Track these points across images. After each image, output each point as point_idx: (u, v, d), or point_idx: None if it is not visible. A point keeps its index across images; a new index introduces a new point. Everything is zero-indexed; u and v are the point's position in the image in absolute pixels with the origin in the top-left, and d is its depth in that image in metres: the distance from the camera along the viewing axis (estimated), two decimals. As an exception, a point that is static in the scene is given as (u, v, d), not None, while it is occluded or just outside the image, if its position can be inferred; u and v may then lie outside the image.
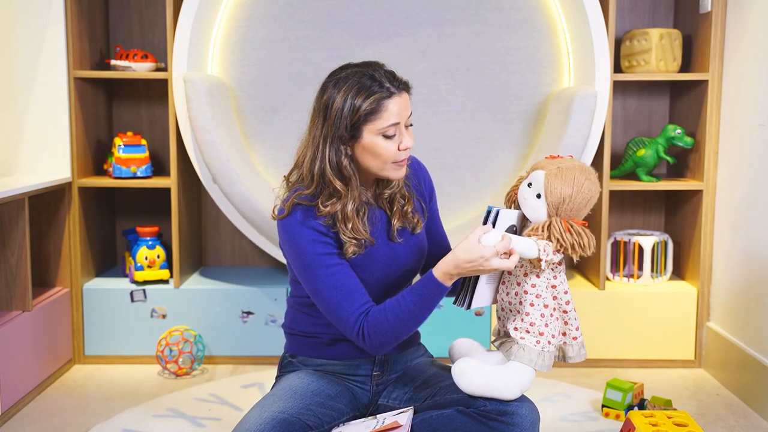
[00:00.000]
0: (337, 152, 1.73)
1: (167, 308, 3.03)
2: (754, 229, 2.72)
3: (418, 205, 1.91)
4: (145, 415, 2.52)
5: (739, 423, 2.53)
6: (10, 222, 2.67)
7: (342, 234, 1.76)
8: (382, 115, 1.71)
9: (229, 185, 2.82)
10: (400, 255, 1.85)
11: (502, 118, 3.15)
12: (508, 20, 3.11)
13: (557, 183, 1.67)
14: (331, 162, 1.73)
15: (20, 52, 2.93)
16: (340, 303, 1.73)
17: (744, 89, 2.81)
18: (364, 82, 1.71)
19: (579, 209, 1.68)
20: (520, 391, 1.69)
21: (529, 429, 1.68)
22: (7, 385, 2.50)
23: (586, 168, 1.71)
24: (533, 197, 1.70)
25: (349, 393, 1.86)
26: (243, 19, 3.11)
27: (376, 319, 1.71)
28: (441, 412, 1.75)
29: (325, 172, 1.74)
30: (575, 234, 1.66)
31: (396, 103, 1.72)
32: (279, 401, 1.73)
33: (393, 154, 1.74)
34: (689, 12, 3.15)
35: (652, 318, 3.03)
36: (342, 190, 1.74)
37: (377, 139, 1.72)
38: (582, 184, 1.67)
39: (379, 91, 1.70)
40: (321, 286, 1.74)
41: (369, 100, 1.70)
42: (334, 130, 1.72)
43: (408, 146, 1.75)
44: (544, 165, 1.71)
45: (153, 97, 3.34)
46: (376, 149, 1.73)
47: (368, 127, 1.72)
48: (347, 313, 1.72)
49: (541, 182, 1.68)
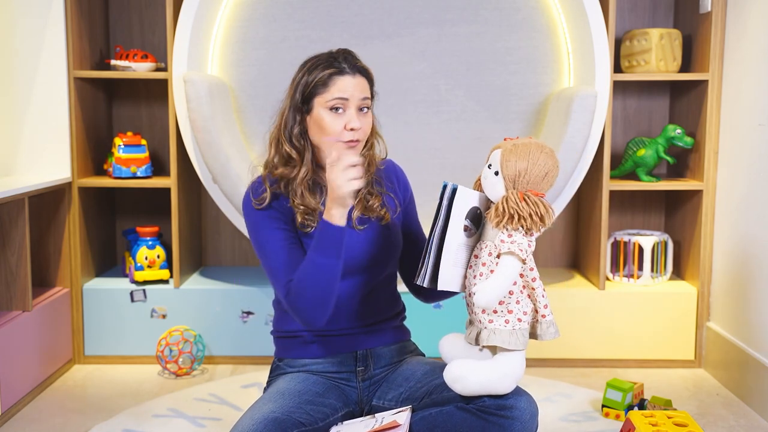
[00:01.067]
0: (293, 121, 1.87)
1: (167, 308, 3.03)
2: (754, 229, 2.72)
3: (389, 200, 1.95)
4: (145, 415, 2.52)
5: (739, 423, 2.53)
6: (10, 222, 2.67)
7: (292, 199, 1.84)
8: (330, 89, 1.81)
9: (229, 185, 2.82)
10: (359, 239, 1.87)
11: (502, 118, 3.15)
12: (508, 20, 3.11)
13: (512, 157, 1.69)
14: (287, 127, 1.87)
15: (20, 52, 2.93)
16: (277, 267, 1.80)
17: (744, 89, 2.81)
18: (322, 59, 1.86)
19: (536, 182, 1.69)
20: (515, 382, 1.70)
21: (528, 421, 1.69)
22: (7, 385, 2.50)
23: (542, 144, 1.73)
24: (492, 175, 1.72)
25: (337, 390, 1.87)
26: (243, 19, 3.11)
27: (294, 289, 1.76)
28: (440, 409, 1.76)
29: (280, 138, 1.87)
30: (531, 204, 1.67)
31: (346, 81, 1.82)
32: (269, 403, 1.74)
33: (338, 131, 1.80)
34: (689, 12, 3.15)
35: (652, 318, 3.03)
36: (295, 157, 1.85)
37: (324, 112, 1.82)
38: (537, 158, 1.69)
39: (333, 67, 1.83)
40: (266, 248, 1.81)
41: (322, 73, 1.82)
42: (292, 101, 1.86)
43: (354, 126, 1.80)
44: (501, 144, 1.75)
45: (153, 97, 3.35)
46: (322, 122, 1.82)
47: (317, 99, 1.83)
48: (281, 283, 1.79)
49: (496, 160, 1.72)
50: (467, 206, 1.75)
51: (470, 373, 1.68)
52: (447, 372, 1.70)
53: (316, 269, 1.74)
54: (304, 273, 1.75)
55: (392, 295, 1.99)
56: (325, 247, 1.74)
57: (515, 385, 1.70)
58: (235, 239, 3.42)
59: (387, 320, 1.94)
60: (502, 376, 1.68)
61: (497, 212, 1.68)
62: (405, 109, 3.14)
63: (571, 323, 3.02)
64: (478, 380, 1.67)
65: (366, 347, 1.90)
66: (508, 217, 1.67)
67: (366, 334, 1.90)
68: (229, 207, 3.05)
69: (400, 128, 3.12)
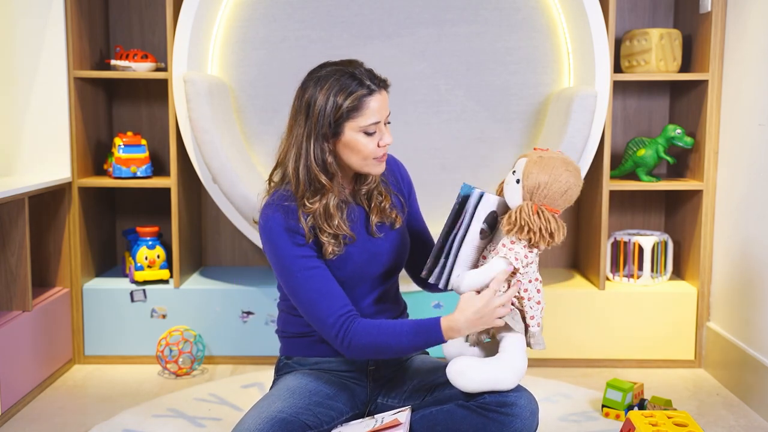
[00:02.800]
0: (321, 149, 1.78)
1: (167, 308, 3.03)
2: (753, 229, 2.72)
3: (396, 200, 1.95)
4: (145, 415, 2.52)
5: (739, 423, 2.53)
6: (10, 222, 2.67)
7: (321, 235, 1.78)
8: (364, 112, 1.76)
9: (229, 185, 2.82)
10: (381, 250, 1.87)
11: (502, 118, 3.15)
12: (508, 20, 3.11)
13: (535, 169, 1.70)
14: (316, 159, 1.77)
15: (20, 52, 2.93)
16: (318, 305, 1.75)
17: (744, 89, 2.81)
18: (345, 81, 1.76)
19: (554, 198, 1.70)
20: (518, 378, 1.71)
21: (528, 419, 1.69)
22: (7, 385, 2.50)
23: (568, 161, 1.73)
24: (514, 182, 1.74)
25: (347, 391, 1.87)
26: (243, 19, 3.11)
27: (365, 331, 1.73)
28: (441, 407, 1.76)
29: (311, 168, 1.77)
30: (544, 219, 1.68)
31: (377, 101, 1.77)
32: (277, 401, 1.73)
33: (373, 150, 1.78)
34: (689, 12, 3.15)
35: (652, 318, 3.03)
36: (327, 184, 1.78)
37: (358, 135, 1.77)
38: (560, 174, 1.70)
39: (360, 89, 1.75)
40: (300, 288, 1.76)
41: (351, 97, 1.75)
42: (317, 127, 1.76)
43: (387, 143, 1.80)
44: (529, 153, 1.76)
45: (153, 97, 3.35)
46: (357, 146, 1.77)
47: (350, 124, 1.76)
48: (326, 314, 1.74)
49: (520, 169, 1.73)
50: (487, 211, 1.77)
51: (473, 369, 1.69)
52: (450, 367, 1.71)
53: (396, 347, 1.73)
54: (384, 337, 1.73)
55: (396, 293, 2.00)
56: (417, 343, 1.73)
57: (518, 382, 1.71)
58: (235, 239, 3.42)
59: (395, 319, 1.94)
60: (504, 372, 1.69)
61: (509, 220, 1.70)
62: (405, 109, 3.14)
63: (571, 323, 3.02)
64: (480, 376, 1.68)
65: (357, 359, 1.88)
66: (518, 227, 1.68)
67: None
68: (229, 207, 3.05)
69: (400, 128, 3.12)
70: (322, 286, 1.76)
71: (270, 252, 1.79)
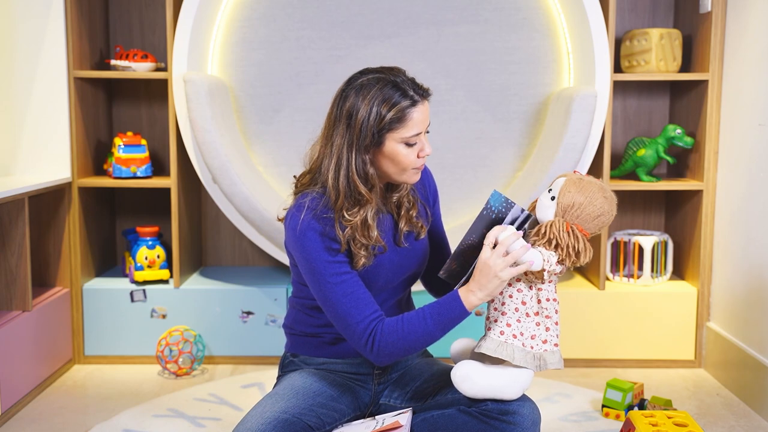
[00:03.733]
0: (363, 160, 1.73)
1: (167, 308, 3.03)
2: (754, 229, 2.72)
3: (422, 209, 1.92)
4: (145, 415, 2.52)
5: (739, 423, 2.53)
6: (10, 222, 2.67)
7: (354, 246, 1.75)
8: (407, 124, 1.72)
9: (229, 185, 2.82)
10: (407, 260, 1.85)
11: (502, 118, 3.15)
12: (508, 20, 3.11)
13: (573, 188, 1.71)
14: (358, 170, 1.73)
15: (20, 52, 2.93)
16: (349, 311, 1.72)
17: (744, 89, 2.81)
18: (388, 91, 1.71)
19: (586, 220, 1.72)
20: (522, 390, 1.70)
21: (530, 428, 1.68)
22: (7, 385, 2.50)
23: (606, 188, 1.75)
24: (548, 199, 1.74)
25: (351, 393, 1.86)
26: (243, 19, 3.11)
27: (390, 329, 1.71)
28: (442, 411, 1.76)
29: (351, 179, 1.73)
30: (573, 237, 1.68)
31: (420, 112, 1.73)
32: (281, 401, 1.73)
33: (413, 161, 1.75)
34: (689, 12, 3.15)
35: (652, 318, 3.03)
36: (367, 195, 1.74)
37: (399, 146, 1.73)
38: (596, 198, 1.71)
39: (404, 99, 1.71)
40: (330, 293, 1.72)
41: (395, 109, 1.70)
42: (360, 138, 1.72)
43: (427, 153, 1.77)
44: (568, 174, 1.77)
45: (153, 97, 3.34)
46: (398, 157, 1.74)
47: (391, 135, 1.72)
48: (356, 320, 1.71)
49: (557, 187, 1.73)
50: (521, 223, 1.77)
51: (478, 374, 1.68)
52: (455, 371, 1.70)
53: (424, 334, 1.70)
54: (409, 328, 1.70)
55: (409, 297, 1.99)
56: (443, 322, 1.70)
57: (522, 392, 1.70)
58: (235, 239, 3.42)
59: None
60: (509, 381, 1.68)
61: (538, 233, 1.70)
62: (405, 109, 3.14)
63: (571, 323, 3.02)
64: (485, 383, 1.68)
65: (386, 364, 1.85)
66: (546, 240, 1.69)
67: None
68: (229, 207, 3.05)
69: (400, 128, 3.12)
70: (354, 290, 1.73)
71: (301, 254, 1.74)
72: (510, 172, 3.17)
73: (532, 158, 3.12)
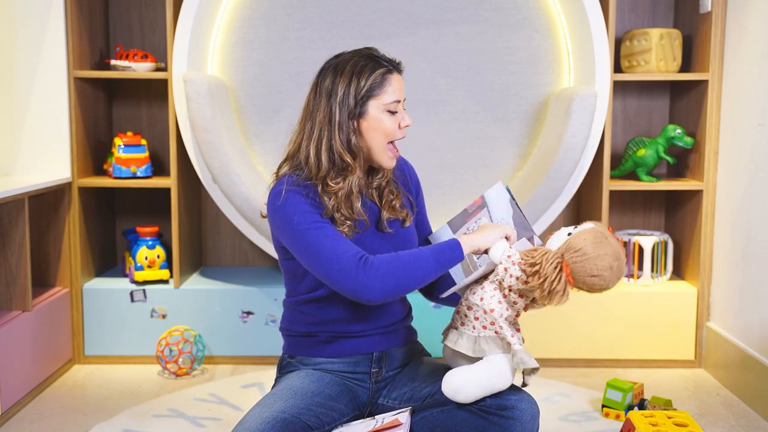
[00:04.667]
0: (347, 129, 1.79)
1: (167, 308, 3.03)
2: (754, 229, 2.72)
3: (406, 200, 1.95)
4: (145, 415, 2.52)
5: (739, 423, 2.53)
6: (10, 222, 2.67)
7: (337, 213, 1.78)
8: (387, 89, 1.81)
9: (229, 185, 2.82)
10: (389, 245, 1.86)
11: (502, 118, 3.15)
12: (508, 20, 3.11)
13: (590, 237, 1.65)
14: (341, 139, 1.78)
15: (20, 52, 2.93)
16: (333, 248, 1.70)
17: (744, 89, 2.81)
18: (364, 62, 1.82)
19: (581, 271, 1.65)
20: (512, 377, 1.71)
21: (529, 422, 1.69)
22: (7, 385, 2.50)
23: (622, 259, 1.68)
24: (566, 234, 1.70)
25: (349, 393, 1.87)
26: (243, 19, 3.11)
27: (385, 257, 1.71)
28: (441, 409, 1.76)
29: (334, 148, 1.78)
30: (557, 274, 1.62)
31: (397, 80, 1.83)
32: (279, 401, 1.73)
33: (394, 130, 1.82)
34: (689, 12, 3.15)
35: (652, 318, 3.03)
36: (351, 163, 1.79)
37: (382, 115, 1.81)
38: (605, 259, 1.64)
39: (380, 67, 1.81)
40: (311, 238, 1.71)
41: (374, 75, 1.80)
42: (342, 109, 1.78)
43: (408, 124, 1.84)
44: (600, 224, 1.72)
45: (153, 97, 3.35)
46: (381, 125, 1.80)
47: (373, 102, 1.80)
48: (342, 251, 1.69)
49: (582, 229, 1.69)
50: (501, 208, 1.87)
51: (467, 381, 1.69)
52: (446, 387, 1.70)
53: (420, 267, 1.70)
54: (406, 258, 1.71)
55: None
56: (443, 260, 1.72)
57: (512, 380, 1.71)
58: (235, 239, 3.42)
59: (400, 320, 1.94)
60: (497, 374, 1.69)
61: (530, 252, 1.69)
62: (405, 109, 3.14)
63: (571, 323, 3.02)
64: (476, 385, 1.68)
65: (381, 349, 1.89)
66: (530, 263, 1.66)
67: (382, 335, 1.89)
68: (229, 207, 3.05)
69: (400, 128, 3.12)
70: (337, 234, 1.73)
71: (282, 219, 1.74)
72: (510, 172, 3.17)
73: (532, 158, 3.12)
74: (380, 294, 1.68)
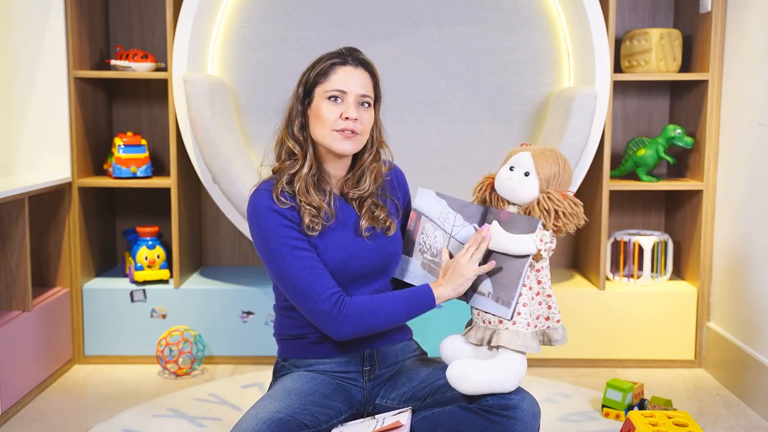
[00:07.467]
0: (296, 114, 1.86)
1: (167, 308, 3.03)
2: (753, 229, 2.72)
3: (393, 207, 1.95)
4: (145, 415, 2.52)
5: (739, 423, 2.53)
6: (10, 222, 2.67)
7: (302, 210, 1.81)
8: (331, 78, 1.82)
9: (229, 185, 2.82)
10: (364, 251, 1.87)
11: (502, 118, 3.15)
12: (508, 20, 3.11)
13: (544, 160, 1.76)
14: (290, 129, 1.87)
15: (20, 52, 2.93)
16: (309, 284, 1.77)
17: (744, 89, 2.81)
18: (327, 56, 1.86)
19: (565, 184, 1.78)
20: (519, 380, 1.71)
21: (530, 422, 1.69)
22: (7, 385, 2.50)
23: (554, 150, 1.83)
24: (520, 176, 1.76)
25: (343, 392, 1.87)
26: (243, 19, 3.11)
27: (360, 301, 1.78)
28: (442, 409, 1.76)
29: (284, 133, 1.87)
30: (572, 202, 1.74)
31: (347, 72, 1.83)
32: (274, 402, 1.74)
33: (333, 120, 1.81)
34: (689, 12, 3.15)
35: (652, 318, 3.03)
36: (297, 152, 1.84)
37: (323, 102, 1.82)
38: (564, 162, 1.78)
39: (334, 58, 1.84)
40: (288, 268, 1.78)
41: (323, 64, 1.83)
42: (295, 97, 1.86)
43: (350, 116, 1.81)
44: (523, 149, 1.81)
45: (153, 97, 3.35)
46: (320, 112, 1.82)
47: (318, 89, 1.83)
48: (318, 291, 1.76)
49: (527, 162, 1.76)
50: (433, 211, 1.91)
51: (474, 371, 1.69)
52: (451, 371, 1.71)
53: (393, 313, 1.79)
54: (380, 303, 1.79)
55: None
56: (411, 306, 1.80)
57: (518, 383, 1.71)
58: (235, 239, 3.42)
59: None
60: (505, 374, 1.69)
61: (540, 207, 1.74)
62: (405, 109, 3.14)
63: (571, 323, 3.02)
64: (482, 378, 1.68)
65: (372, 347, 1.90)
66: (554, 214, 1.72)
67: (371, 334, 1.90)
68: (229, 207, 3.05)
69: (400, 128, 3.12)
70: (314, 266, 1.78)
71: (257, 235, 1.81)
72: (510, 172, 3.17)
73: (532, 158, 3.12)
74: (349, 335, 1.79)
